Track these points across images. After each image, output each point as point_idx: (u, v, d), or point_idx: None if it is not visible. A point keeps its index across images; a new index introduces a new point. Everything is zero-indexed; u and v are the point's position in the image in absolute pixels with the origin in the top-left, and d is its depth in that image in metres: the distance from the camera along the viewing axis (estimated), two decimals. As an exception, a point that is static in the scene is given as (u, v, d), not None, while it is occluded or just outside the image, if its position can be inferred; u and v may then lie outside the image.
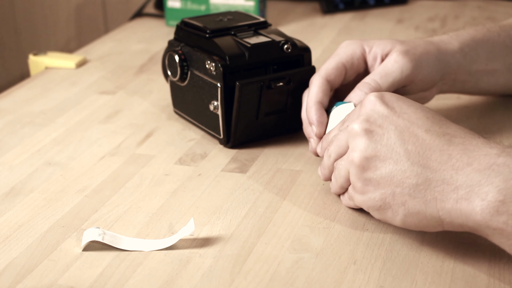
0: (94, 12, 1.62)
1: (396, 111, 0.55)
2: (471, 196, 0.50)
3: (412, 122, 0.54)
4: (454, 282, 0.52)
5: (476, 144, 0.52)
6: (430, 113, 0.56)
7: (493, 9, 1.26)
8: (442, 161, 0.52)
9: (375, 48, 0.71)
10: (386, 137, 0.54)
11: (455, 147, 0.52)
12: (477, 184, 0.50)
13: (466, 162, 0.51)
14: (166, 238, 0.58)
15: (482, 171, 0.50)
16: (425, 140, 0.53)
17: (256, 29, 0.76)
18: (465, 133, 0.54)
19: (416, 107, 0.56)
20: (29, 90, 0.92)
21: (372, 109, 0.56)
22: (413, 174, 0.52)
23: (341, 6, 1.26)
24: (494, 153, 0.50)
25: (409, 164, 0.53)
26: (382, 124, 0.55)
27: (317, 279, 0.53)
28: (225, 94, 0.72)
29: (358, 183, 0.56)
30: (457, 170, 0.51)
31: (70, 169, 0.71)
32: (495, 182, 0.49)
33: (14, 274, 0.54)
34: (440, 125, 0.54)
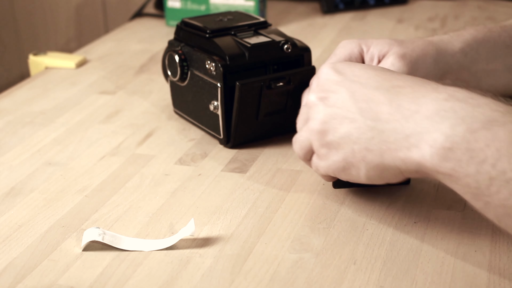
0: (94, 12, 1.62)
1: (347, 76, 0.57)
2: (420, 143, 0.51)
3: (363, 83, 0.56)
4: (454, 282, 0.52)
5: (425, 91, 0.53)
6: (381, 70, 0.57)
7: (493, 9, 1.26)
8: (392, 111, 0.53)
9: (373, 48, 0.71)
10: (340, 100, 0.56)
11: (404, 97, 0.53)
12: (425, 131, 0.50)
13: (414, 109, 0.52)
14: (166, 238, 0.58)
15: (430, 117, 0.51)
16: (375, 95, 0.55)
17: (256, 29, 0.76)
18: (415, 81, 0.55)
19: (367, 68, 0.58)
20: (29, 90, 0.92)
21: (325, 78, 0.58)
22: (368, 129, 0.54)
23: (341, 6, 1.26)
24: (442, 98, 0.51)
25: (363, 120, 0.54)
26: (335, 89, 0.57)
27: (317, 279, 0.53)
28: (225, 94, 0.72)
29: (322, 150, 0.58)
30: (407, 119, 0.52)
31: (70, 169, 0.71)
32: (442, 128, 0.50)
33: (14, 274, 0.54)
34: (390, 79, 0.56)
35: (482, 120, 0.48)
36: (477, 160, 0.48)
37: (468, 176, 0.48)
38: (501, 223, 0.49)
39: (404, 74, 0.58)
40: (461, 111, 0.49)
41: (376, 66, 0.59)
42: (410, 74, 0.69)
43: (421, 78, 0.56)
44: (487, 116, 0.48)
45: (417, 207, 0.62)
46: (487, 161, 0.47)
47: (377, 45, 0.71)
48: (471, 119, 0.49)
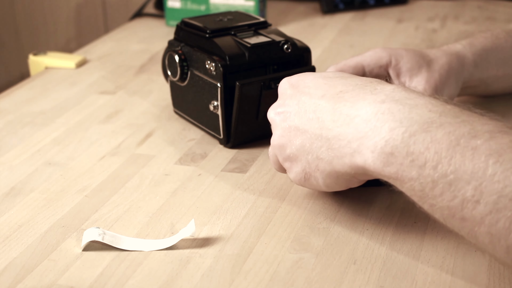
0: (94, 12, 1.62)
1: (299, 88, 0.58)
2: (362, 149, 0.51)
3: (311, 93, 0.57)
4: (454, 282, 0.52)
5: (363, 94, 0.53)
6: (331, 78, 0.57)
7: (493, 9, 1.26)
8: (335, 118, 0.54)
9: (402, 64, 0.71)
10: (293, 113, 0.57)
11: (345, 103, 0.54)
12: (365, 136, 0.51)
13: (354, 114, 0.52)
14: (166, 238, 0.58)
15: (368, 121, 0.51)
16: (321, 104, 0.55)
17: (256, 29, 0.76)
18: (357, 83, 0.55)
19: (317, 77, 0.58)
20: (29, 90, 0.92)
21: (281, 92, 0.60)
22: (316, 138, 0.55)
23: (341, 6, 1.26)
24: (379, 100, 0.51)
25: (312, 130, 0.55)
26: (288, 103, 0.58)
27: (317, 279, 0.53)
28: (225, 94, 0.72)
29: (285, 163, 0.59)
30: (348, 124, 0.52)
31: (70, 169, 0.71)
32: (381, 132, 0.50)
33: (14, 274, 0.54)
34: (336, 86, 0.56)
35: (420, 122, 0.48)
36: (418, 164, 0.48)
37: (412, 180, 0.48)
38: (447, 224, 0.49)
39: (338, 77, 0.58)
40: (398, 113, 0.49)
41: (327, 74, 0.59)
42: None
43: (365, 78, 0.56)
44: (425, 118, 0.48)
45: (417, 207, 0.62)
46: (428, 165, 0.47)
47: (406, 63, 0.71)
48: (408, 121, 0.49)
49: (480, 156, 0.45)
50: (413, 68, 0.71)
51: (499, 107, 0.82)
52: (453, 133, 0.47)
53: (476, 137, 0.46)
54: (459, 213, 0.46)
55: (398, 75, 0.72)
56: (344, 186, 0.57)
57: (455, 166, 0.46)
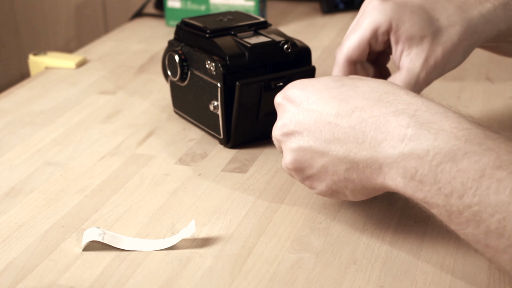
0: (94, 12, 1.62)
1: (303, 105, 0.56)
2: (392, 174, 0.51)
3: (321, 111, 0.55)
4: (454, 282, 0.52)
5: (385, 116, 0.52)
6: (335, 89, 0.56)
7: (493, 9, 1.26)
8: (360, 141, 0.53)
9: (402, 30, 0.63)
10: (304, 134, 0.56)
11: (366, 124, 0.53)
12: (394, 162, 0.51)
13: (380, 139, 0.52)
14: (166, 239, 0.58)
15: (395, 147, 0.51)
16: (338, 124, 0.54)
17: (256, 29, 0.76)
18: (372, 102, 0.53)
19: (320, 89, 0.56)
20: (29, 90, 0.92)
21: (283, 110, 0.58)
22: (341, 161, 0.54)
23: (341, 6, 1.26)
24: (403, 124, 0.51)
25: (334, 153, 0.54)
26: (294, 122, 0.56)
27: (317, 279, 0.53)
28: (225, 94, 0.72)
29: (305, 182, 0.58)
30: (375, 148, 0.52)
31: (70, 169, 0.71)
32: (410, 161, 0.50)
33: (14, 274, 0.54)
34: (347, 101, 0.54)
35: (446, 150, 0.48)
36: (444, 192, 0.48)
37: (439, 206, 0.49)
38: (472, 246, 0.50)
39: (360, 80, 0.56)
40: (425, 141, 0.49)
41: (328, 81, 0.56)
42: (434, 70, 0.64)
43: (374, 84, 0.55)
44: (450, 145, 0.48)
45: (417, 207, 0.62)
46: (454, 194, 0.48)
47: (407, 29, 0.63)
48: (435, 149, 0.49)
49: (505, 189, 0.46)
50: (414, 37, 0.63)
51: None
52: (478, 162, 0.47)
53: (501, 168, 0.46)
54: (483, 241, 0.48)
55: (397, 42, 0.64)
56: (373, 195, 0.57)
57: (480, 198, 0.47)
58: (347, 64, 0.66)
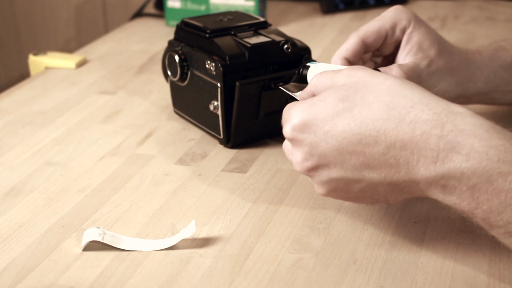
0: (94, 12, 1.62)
1: (318, 135, 0.53)
2: (431, 191, 0.51)
3: (341, 141, 0.52)
4: (454, 282, 0.52)
5: (413, 140, 0.51)
6: (347, 112, 0.52)
7: (493, 9, 1.26)
8: (393, 165, 0.51)
9: (416, 35, 0.67)
10: (332, 168, 0.54)
11: (395, 148, 0.51)
12: (432, 181, 0.50)
13: (413, 161, 0.51)
14: (166, 238, 0.58)
15: (430, 169, 0.50)
16: (365, 152, 0.52)
17: (256, 29, 0.76)
18: (394, 123, 0.51)
19: (331, 115, 0.53)
20: (29, 90, 0.92)
21: (299, 145, 0.54)
22: (378, 185, 0.53)
23: (341, 6, 1.26)
24: (434, 148, 0.50)
25: (368, 178, 0.53)
26: (319, 157, 0.53)
27: (317, 279, 0.53)
28: (225, 94, 0.72)
29: (346, 200, 0.57)
30: (410, 171, 0.51)
31: (70, 169, 0.71)
32: (447, 180, 0.50)
33: (14, 274, 0.54)
34: (366, 124, 0.52)
35: (480, 172, 0.48)
36: (483, 208, 0.49)
37: (479, 218, 0.50)
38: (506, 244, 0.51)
39: (368, 91, 0.53)
40: (458, 163, 0.49)
41: (336, 101, 0.53)
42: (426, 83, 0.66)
43: (392, 102, 0.52)
44: (484, 166, 0.48)
45: (417, 207, 0.62)
46: (493, 211, 0.49)
47: (421, 34, 0.67)
48: (469, 171, 0.49)
49: None
50: (424, 43, 0.66)
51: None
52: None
53: None
54: None
55: (408, 42, 0.67)
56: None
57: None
58: (359, 43, 0.66)
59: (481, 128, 0.49)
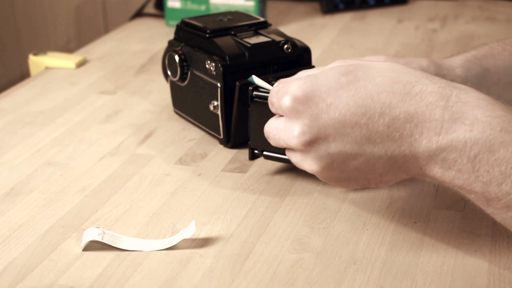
0: (94, 12, 1.62)
1: (320, 107, 0.53)
2: (430, 165, 0.52)
3: (344, 113, 0.52)
4: (454, 282, 0.53)
5: (418, 111, 0.51)
6: (351, 85, 0.52)
7: (493, 9, 1.26)
8: (395, 138, 0.52)
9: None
10: (331, 142, 0.53)
11: (399, 120, 0.51)
12: (433, 154, 0.51)
13: (416, 133, 0.51)
14: (166, 239, 0.58)
15: (433, 140, 0.50)
16: (368, 124, 0.52)
17: (256, 29, 0.76)
18: (400, 96, 0.52)
19: (334, 87, 0.52)
20: (29, 90, 0.92)
21: (298, 116, 0.53)
22: (377, 160, 0.53)
23: (341, 6, 1.26)
24: (438, 119, 0.50)
25: (368, 153, 0.53)
26: (318, 130, 0.53)
27: (317, 279, 0.53)
28: (225, 94, 0.72)
29: (331, 182, 0.57)
30: (412, 144, 0.51)
31: (70, 169, 0.71)
32: (449, 152, 0.50)
33: (14, 274, 0.54)
34: (371, 97, 0.52)
35: (483, 141, 0.49)
36: (483, 181, 0.49)
37: (476, 193, 0.50)
38: (510, 229, 0.51)
39: (370, 68, 0.53)
40: (461, 134, 0.49)
41: (339, 75, 0.53)
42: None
43: (397, 77, 0.52)
44: (487, 136, 0.49)
45: (417, 207, 0.62)
46: (493, 182, 0.49)
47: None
48: (472, 141, 0.49)
49: None
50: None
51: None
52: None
53: None
54: None
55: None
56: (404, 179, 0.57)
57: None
58: None
59: (485, 101, 0.50)
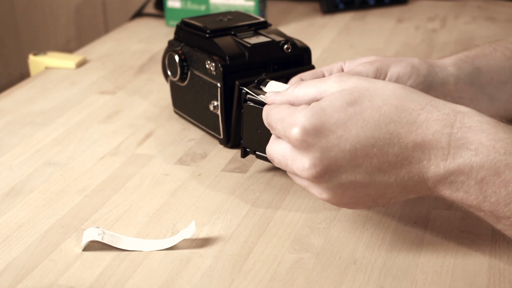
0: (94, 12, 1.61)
1: (331, 140, 0.52)
2: (439, 188, 0.52)
3: (354, 144, 0.52)
4: (454, 282, 0.53)
5: (425, 139, 0.51)
6: (359, 115, 0.52)
7: (493, 9, 1.26)
8: (405, 165, 0.52)
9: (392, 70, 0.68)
10: (343, 173, 0.53)
11: (407, 149, 0.52)
12: (442, 178, 0.52)
13: (425, 159, 0.52)
14: (166, 239, 0.58)
15: (441, 166, 0.51)
16: (378, 155, 0.52)
17: (256, 29, 0.76)
18: (407, 126, 0.52)
19: (343, 119, 0.52)
20: (29, 90, 0.92)
21: (308, 150, 0.53)
22: (388, 187, 0.53)
23: (341, 6, 1.26)
24: (444, 146, 0.51)
25: (379, 182, 0.53)
26: (329, 162, 0.52)
27: (317, 279, 0.53)
28: (225, 94, 0.72)
29: (342, 206, 0.56)
30: (421, 170, 0.52)
31: (70, 169, 0.71)
32: (457, 176, 0.51)
33: (14, 274, 0.54)
34: (379, 127, 0.52)
35: (488, 165, 0.50)
36: (491, 201, 0.50)
37: (485, 212, 0.51)
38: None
39: (374, 94, 0.53)
40: (467, 158, 0.50)
41: (345, 104, 0.53)
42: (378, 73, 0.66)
43: (402, 106, 0.52)
44: (492, 159, 0.50)
45: (417, 207, 0.62)
46: (500, 203, 0.50)
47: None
48: (478, 165, 0.50)
49: None
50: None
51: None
52: None
53: None
54: None
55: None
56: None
57: None
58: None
59: (487, 124, 0.51)
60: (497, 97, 0.73)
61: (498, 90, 0.72)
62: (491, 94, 0.72)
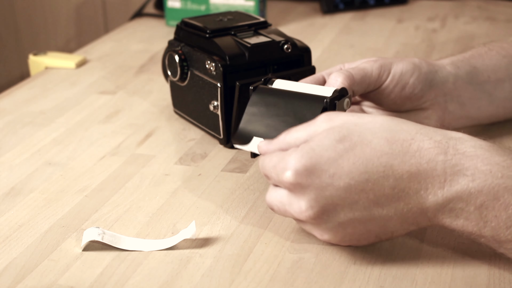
0: (94, 12, 1.62)
1: (324, 180, 0.52)
2: (438, 216, 0.52)
3: (348, 182, 0.51)
4: (454, 282, 0.52)
5: (419, 169, 0.51)
6: (350, 152, 0.52)
7: (493, 9, 1.26)
8: (402, 197, 0.52)
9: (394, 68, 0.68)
10: (340, 212, 0.52)
11: (403, 181, 0.51)
12: (440, 207, 0.52)
13: (422, 189, 0.51)
14: (166, 239, 0.58)
15: (438, 194, 0.51)
16: (374, 189, 0.52)
17: (256, 29, 0.76)
18: (400, 158, 0.51)
19: (334, 157, 0.52)
20: (29, 90, 0.92)
21: (303, 192, 0.52)
22: (388, 220, 0.53)
23: (341, 6, 1.26)
24: (440, 174, 0.51)
25: (378, 216, 0.53)
26: (325, 202, 0.52)
27: (317, 279, 0.53)
28: (225, 94, 0.72)
29: (345, 244, 0.56)
30: (419, 200, 0.52)
31: (70, 169, 0.71)
32: (455, 203, 0.51)
33: (14, 274, 0.54)
34: (371, 162, 0.51)
35: (486, 190, 0.50)
36: (491, 225, 0.50)
37: (487, 237, 0.51)
38: None
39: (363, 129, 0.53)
40: (465, 184, 0.50)
41: (334, 142, 0.52)
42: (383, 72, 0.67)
43: (393, 138, 0.52)
44: (489, 184, 0.50)
45: (417, 207, 0.62)
46: (501, 226, 0.50)
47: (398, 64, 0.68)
48: (476, 190, 0.50)
49: None
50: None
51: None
52: None
53: None
54: None
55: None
56: None
57: None
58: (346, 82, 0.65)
59: (481, 149, 0.51)
60: (495, 95, 0.73)
61: (496, 88, 0.73)
62: (489, 93, 0.72)
